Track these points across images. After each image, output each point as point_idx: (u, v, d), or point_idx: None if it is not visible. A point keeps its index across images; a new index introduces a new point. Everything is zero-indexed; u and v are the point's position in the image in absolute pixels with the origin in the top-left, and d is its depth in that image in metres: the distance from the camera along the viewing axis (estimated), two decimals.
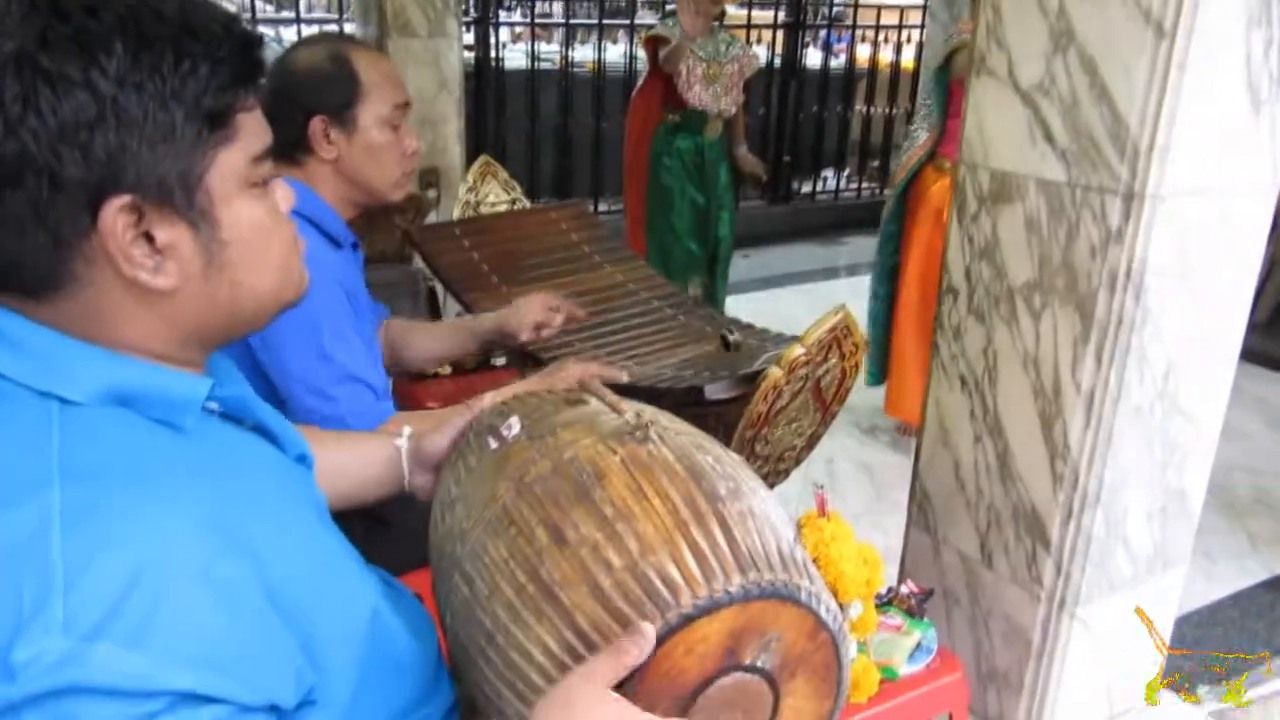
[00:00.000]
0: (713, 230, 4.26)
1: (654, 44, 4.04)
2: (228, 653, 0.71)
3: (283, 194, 0.87)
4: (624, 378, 1.69)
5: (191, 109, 0.75)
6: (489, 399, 1.31)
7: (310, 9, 6.11)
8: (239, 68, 0.78)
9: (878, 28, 6.75)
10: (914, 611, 1.66)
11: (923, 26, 6.46)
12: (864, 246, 6.54)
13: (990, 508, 1.73)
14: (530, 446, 1.14)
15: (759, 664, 0.98)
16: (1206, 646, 2.54)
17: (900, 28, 6.74)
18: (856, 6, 6.69)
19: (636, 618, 0.91)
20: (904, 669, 1.57)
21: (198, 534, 0.73)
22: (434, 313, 3.06)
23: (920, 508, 1.88)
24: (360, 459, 1.22)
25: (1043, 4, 1.51)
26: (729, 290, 4.62)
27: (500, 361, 2.81)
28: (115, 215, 0.73)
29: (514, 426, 1.19)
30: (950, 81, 3.17)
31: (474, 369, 2.77)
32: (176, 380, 0.82)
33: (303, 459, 1.03)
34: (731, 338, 2.00)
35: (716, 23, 4.15)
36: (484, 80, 5.61)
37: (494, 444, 1.19)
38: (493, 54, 5.65)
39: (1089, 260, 1.51)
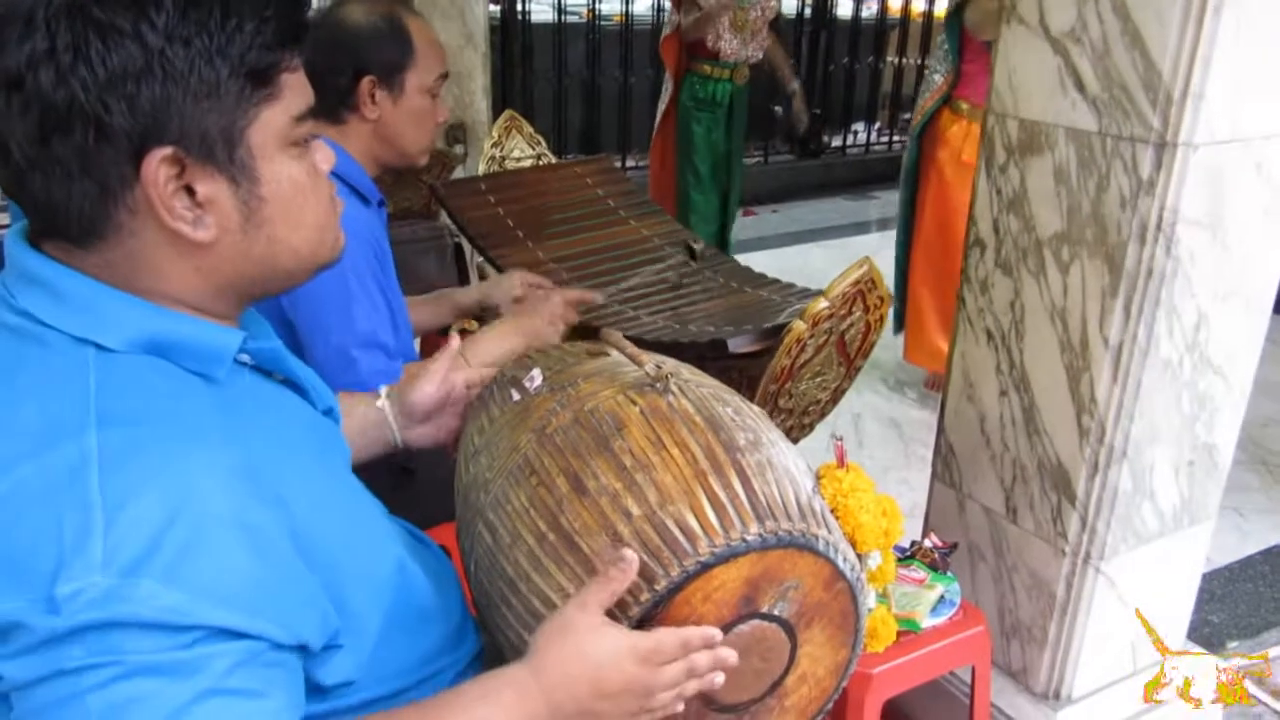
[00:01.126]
0: (731, 173, 4.28)
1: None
2: (258, 593, 0.73)
3: (323, 155, 0.88)
4: (599, 299, 1.70)
5: (236, 65, 0.77)
6: (455, 342, 1.32)
7: None
8: (284, 27, 0.79)
9: None
10: (937, 565, 1.66)
11: None
12: (894, 201, 6.46)
13: (1015, 462, 1.72)
14: (552, 398, 1.15)
15: (776, 612, 0.99)
16: (1236, 601, 2.54)
17: None
18: None
19: (654, 566, 0.93)
20: (926, 622, 1.57)
21: (230, 480, 0.75)
22: (460, 268, 3.07)
23: (945, 462, 1.87)
24: (349, 423, 1.22)
25: None
26: (760, 245, 4.61)
27: None
28: (157, 166, 0.75)
29: (536, 378, 1.20)
30: (961, 28, 3.17)
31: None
32: (211, 331, 0.83)
33: (330, 412, 1.04)
34: (696, 246, 2.02)
35: None
36: (510, 34, 5.56)
37: (516, 395, 1.21)
38: (519, 7, 5.60)
39: (1119, 211, 1.49)
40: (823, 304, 1.54)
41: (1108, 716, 1.78)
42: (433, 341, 2.40)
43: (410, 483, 1.65)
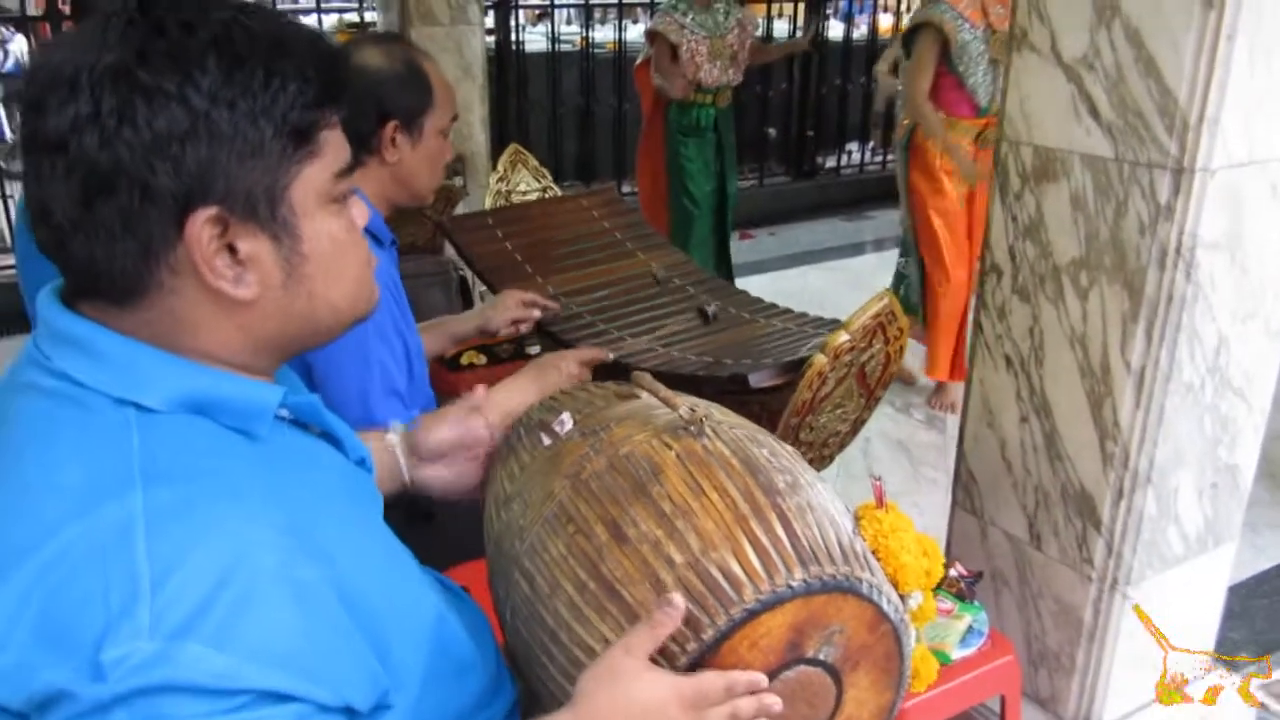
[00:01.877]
0: (725, 194, 4.33)
1: (656, 37, 4.06)
2: (308, 654, 0.72)
3: (359, 210, 0.88)
4: (608, 357, 1.71)
5: (279, 125, 0.77)
6: (480, 391, 1.32)
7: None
8: (325, 86, 0.79)
9: None
10: (964, 595, 1.65)
11: None
12: (889, 220, 6.49)
13: (1038, 488, 1.71)
14: (584, 443, 1.14)
15: (821, 657, 0.98)
16: (1254, 617, 2.53)
17: None
18: None
19: (700, 614, 0.92)
20: (956, 653, 1.56)
21: (277, 538, 0.74)
22: (466, 302, 3.07)
23: (966, 490, 1.86)
24: None
25: None
26: (757, 269, 4.64)
27: (534, 350, 2.81)
28: (201, 226, 0.75)
29: (566, 423, 1.20)
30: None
31: (509, 358, 2.77)
32: (251, 388, 0.83)
33: (362, 462, 1.03)
34: (710, 309, 2.03)
35: None
36: (504, 64, 5.59)
37: (547, 440, 1.20)
38: (513, 37, 5.63)
39: (1138, 237, 1.49)
40: (844, 337, 1.54)
41: None
42: (437, 375, 2.39)
43: (430, 528, 1.64)
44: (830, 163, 6.89)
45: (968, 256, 3.43)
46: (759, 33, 4.30)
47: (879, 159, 6.91)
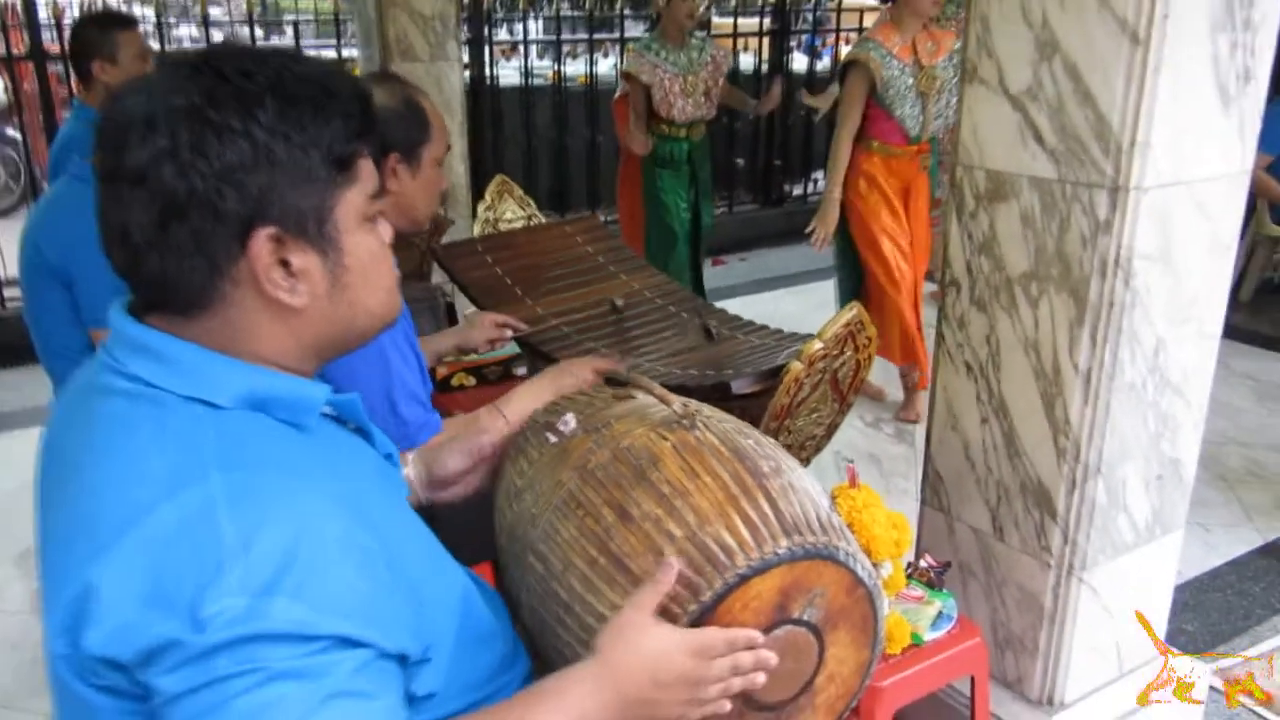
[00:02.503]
0: (699, 224, 4.49)
1: (630, 78, 4.21)
2: (370, 607, 0.85)
3: (385, 229, 1.01)
4: (622, 368, 1.85)
5: (326, 155, 0.90)
6: (505, 416, 1.49)
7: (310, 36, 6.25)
8: (361, 122, 0.93)
9: (861, 30, 6.89)
10: (933, 583, 1.79)
11: None
12: None
13: (999, 484, 1.86)
14: (588, 438, 1.27)
15: (805, 617, 1.11)
16: (1208, 610, 2.68)
17: None
18: (839, 10, 6.83)
19: (698, 579, 1.04)
20: (928, 635, 1.69)
21: (336, 509, 0.87)
22: (452, 324, 3.19)
23: (933, 488, 2.00)
24: None
25: (1028, 17, 1.65)
26: (730, 293, 4.78)
27: (521, 371, 2.94)
28: (262, 243, 0.88)
29: (570, 422, 1.33)
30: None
31: (497, 380, 2.90)
32: (303, 386, 0.95)
33: (390, 457, 1.15)
34: (714, 328, 2.18)
35: (701, 31, 4.32)
36: (480, 98, 5.74)
37: (553, 439, 1.33)
38: (487, 72, 5.78)
39: (1081, 250, 1.64)
40: (818, 345, 1.68)
41: (1099, 718, 1.90)
42: (470, 397, 2.51)
43: (431, 526, 1.75)
44: (797, 190, 7.08)
45: (910, 276, 3.65)
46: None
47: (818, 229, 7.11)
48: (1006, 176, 1.74)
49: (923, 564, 1.80)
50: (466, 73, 5.48)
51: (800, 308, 5.14)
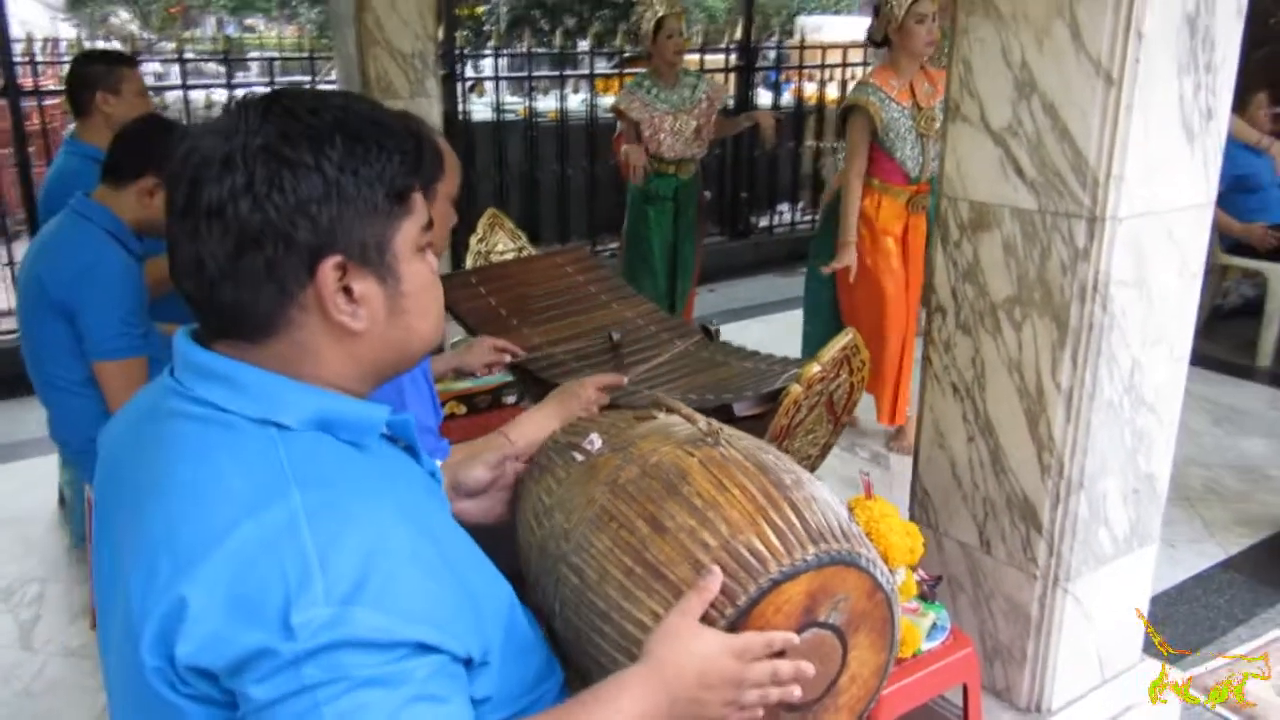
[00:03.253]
0: (678, 260, 4.52)
1: (619, 113, 4.30)
2: (442, 614, 0.91)
3: (433, 259, 1.08)
4: (624, 382, 1.93)
5: (388, 188, 0.97)
6: (518, 443, 1.57)
7: (285, 73, 6.28)
8: (418, 158, 1.00)
9: (823, 66, 7.09)
10: (926, 596, 1.87)
11: (865, 64, 6.82)
12: None
13: (986, 499, 1.95)
14: (615, 456, 1.34)
15: (831, 620, 1.18)
16: (1177, 622, 2.79)
17: (844, 65, 7.08)
18: (802, 48, 7.02)
19: (734, 585, 1.11)
20: (924, 646, 1.77)
21: (403, 524, 0.93)
22: (438, 351, 3.25)
23: (921, 505, 2.09)
24: None
25: (1008, 59, 1.76)
26: (701, 323, 4.85)
27: (510, 399, 3.01)
28: (329, 271, 0.94)
29: (596, 441, 1.40)
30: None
31: (487, 408, 2.96)
32: (366, 408, 1.01)
33: (434, 474, 1.21)
34: (713, 327, 2.28)
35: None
36: (453, 133, 5.81)
37: (579, 458, 1.39)
38: (459, 107, 5.87)
39: (1061, 276, 1.75)
40: (816, 368, 1.76)
41: None
42: (461, 425, 2.56)
43: None
44: (764, 222, 7.22)
45: (904, 315, 3.65)
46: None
47: (809, 218, 7.27)
48: (989, 207, 1.84)
49: (915, 578, 1.88)
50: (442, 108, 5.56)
51: (769, 335, 5.21)
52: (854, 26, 10.30)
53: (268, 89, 1.02)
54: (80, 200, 2.33)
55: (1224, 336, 5.01)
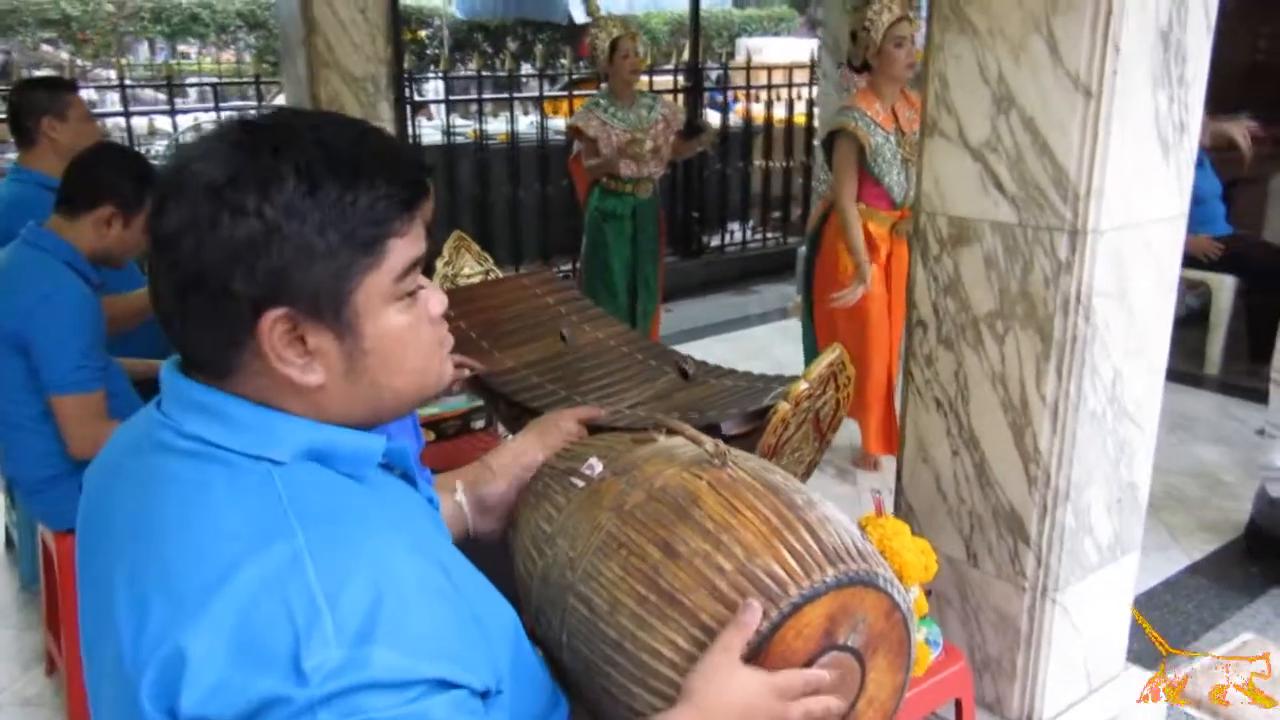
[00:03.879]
0: (644, 278, 4.50)
1: (577, 132, 4.29)
2: (459, 647, 0.86)
3: (436, 300, 0.98)
4: (603, 414, 1.90)
5: (347, 236, 0.87)
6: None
7: (226, 98, 6.16)
8: (407, 200, 0.91)
9: (769, 87, 7.16)
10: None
11: (811, 84, 6.89)
12: (774, 293, 6.87)
13: (972, 513, 1.95)
14: (618, 480, 1.31)
15: (850, 643, 1.16)
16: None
17: (790, 86, 7.15)
18: (749, 68, 7.08)
19: None
20: None
21: (411, 554, 0.89)
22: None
23: (906, 519, 2.08)
24: None
25: (984, 74, 1.77)
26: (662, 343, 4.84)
27: (479, 425, 2.96)
28: (272, 325, 0.86)
29: (596, 466, 1.36)
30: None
31: (455, 434, 2.90)
32: (363, 439, 0.96)
33: (431, 501, 1.17)
34: (689, 370, 2.25)
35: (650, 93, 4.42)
36: None
37: (580, 483, 1.36)
38: (409, 130, 5.81)
39: (1044, 289, 1.76)
40: (804, 385, 1.74)
41: None
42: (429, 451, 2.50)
43: None
44: (715, 242, 7.25)
45: (888, 340, 3.59)
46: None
47: (758, 237, 7.32)
48: (969, 222, 1.85)
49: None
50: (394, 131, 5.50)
51: (731, 354, 5.20)
52: (794, 48, 10.42)
53: (253, 112, 0.97)
54: (33, 231, 2.24)
55: (1172, 346, 5.13)
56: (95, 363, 2.20)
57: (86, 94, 7.47)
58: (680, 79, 6.82)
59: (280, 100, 4.71)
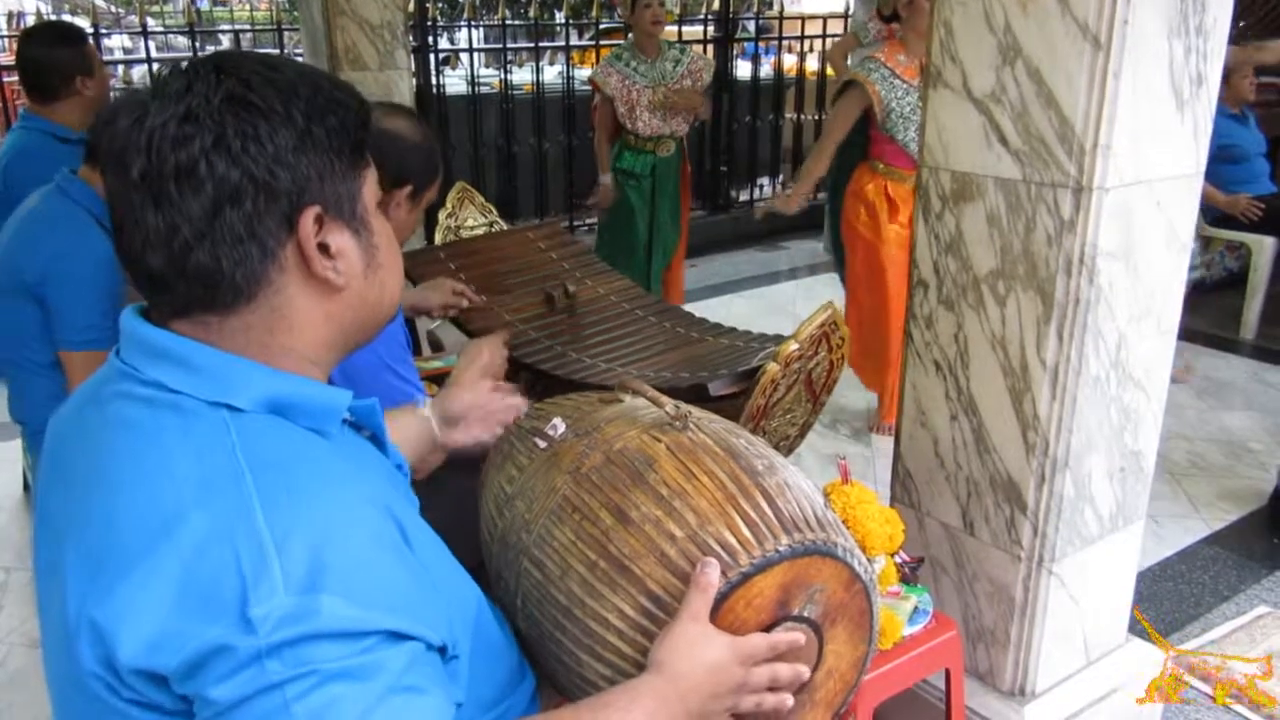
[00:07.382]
0: (661, 236, 4.42)
1: (595, 85, 4.20)
2: (414, 601, 0.84)
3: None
4: (503, 341, 1.88)
5: (350, 140, 0.93)
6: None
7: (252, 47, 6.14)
8: (364, 113, 0.96)
9: (802, 38, 6.99)
10: (908, 579, 1.81)
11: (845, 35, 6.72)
12: (804, 249, 6.77)
13: (969, 479, 1.89)
14: (579, 442, 1.27)
15: (805, 614, 1.12)
16: (1161, 600, 2.75)
17: (824, 37, 6.98)
18: (781, 19, 6.92)
19: None
20: (905, 630, 1.72)
21: (367, 506, 0.87)
22: (410, 330, 3.17)
23: (903, 485, 2.03)
24: (396, 433, 1.32)
25: (990, 22, 1.68)
26: (682, 299, 4.78)
27: None
28: (310, 223, 0.89)
29: (559, 427, 1.33)
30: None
31: None
32: (326, 392, 0.95)
33: (400, 467, 1.14)
34: (683, 329, 2.23)
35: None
36: (425, 106, 5.69)
37: (542, 444, 1.32)
38: (433, 80, 5.75)
39: (1046, 248, 1.68)
40: (793, 346, 1.70)
41: (1068, 707, 1.95)
42: None
43: None
44: (744, 196, 7.14)
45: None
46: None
47: (789, 192, 7.19)
48: (972, 178, 1.77)
49: (897, 560, 1.82)
50: (413, 81, 5.44)
51: (752, 311, 5.19)
52: None
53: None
54: (66, 177, 2.23)
55: (1207, 310, 4.98)
56: (109, 321, 2.20)
57: (119, 39, 7.51)
58: (710, 29, 6.68)
59: (301, 47, 4.66)
